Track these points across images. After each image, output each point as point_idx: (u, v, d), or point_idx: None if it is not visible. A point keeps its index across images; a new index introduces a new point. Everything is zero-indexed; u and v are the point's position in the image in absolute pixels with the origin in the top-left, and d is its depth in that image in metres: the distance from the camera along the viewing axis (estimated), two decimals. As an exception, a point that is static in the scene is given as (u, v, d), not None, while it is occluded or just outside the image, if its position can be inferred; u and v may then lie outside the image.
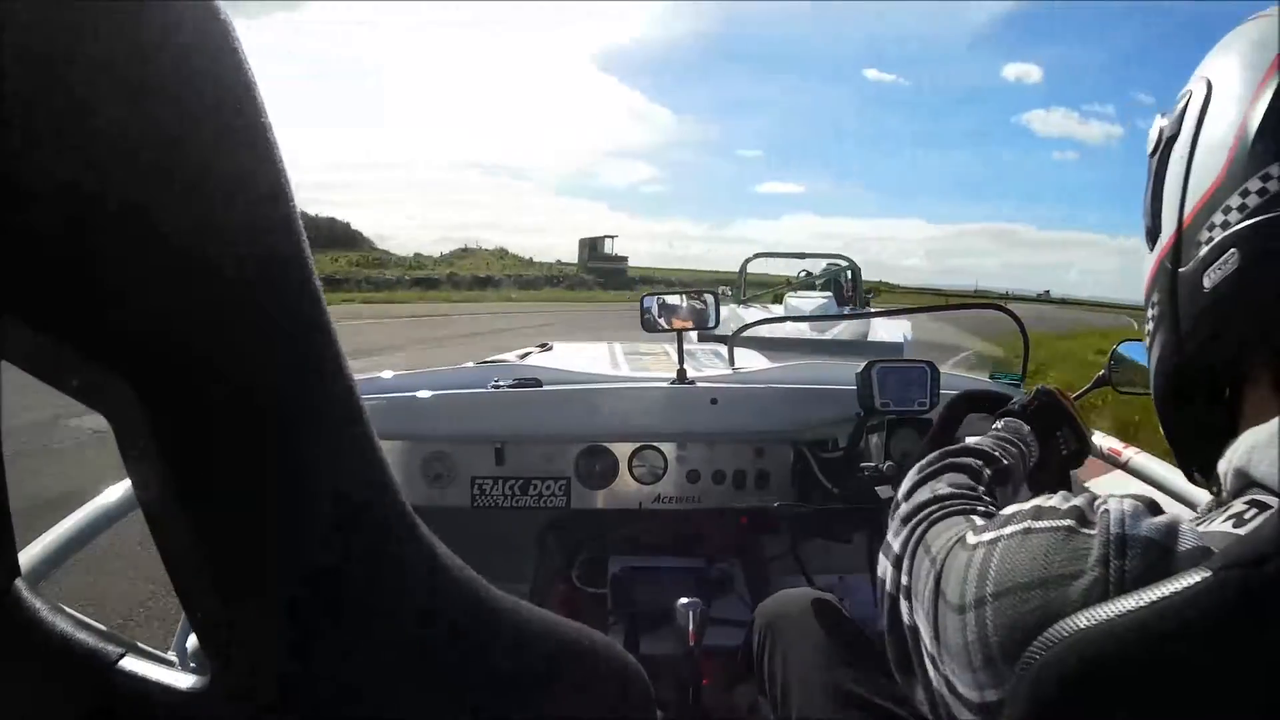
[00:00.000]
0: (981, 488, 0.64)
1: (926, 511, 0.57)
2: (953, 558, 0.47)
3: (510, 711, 0.32)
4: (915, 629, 0.50)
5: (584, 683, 0.35)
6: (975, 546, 0.46)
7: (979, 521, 0.50)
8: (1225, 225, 0.45)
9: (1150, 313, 0.53)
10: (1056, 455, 0.87)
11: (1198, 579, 0.32)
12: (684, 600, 1.13)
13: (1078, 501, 0.44)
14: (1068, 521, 0.42)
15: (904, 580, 0.54)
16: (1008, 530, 0.44)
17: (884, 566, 0.58)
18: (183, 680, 0.28)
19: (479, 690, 0.31)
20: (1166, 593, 0.33)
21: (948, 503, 0.58)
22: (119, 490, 0.92)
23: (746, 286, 7.42)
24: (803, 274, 7.90)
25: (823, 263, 7.92)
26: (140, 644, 0.29)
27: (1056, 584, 0.39)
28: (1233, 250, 0.45)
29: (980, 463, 0.68)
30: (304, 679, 0.28)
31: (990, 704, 0.41)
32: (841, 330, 5.58)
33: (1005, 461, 0.71)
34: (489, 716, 0.32)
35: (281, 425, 0.25)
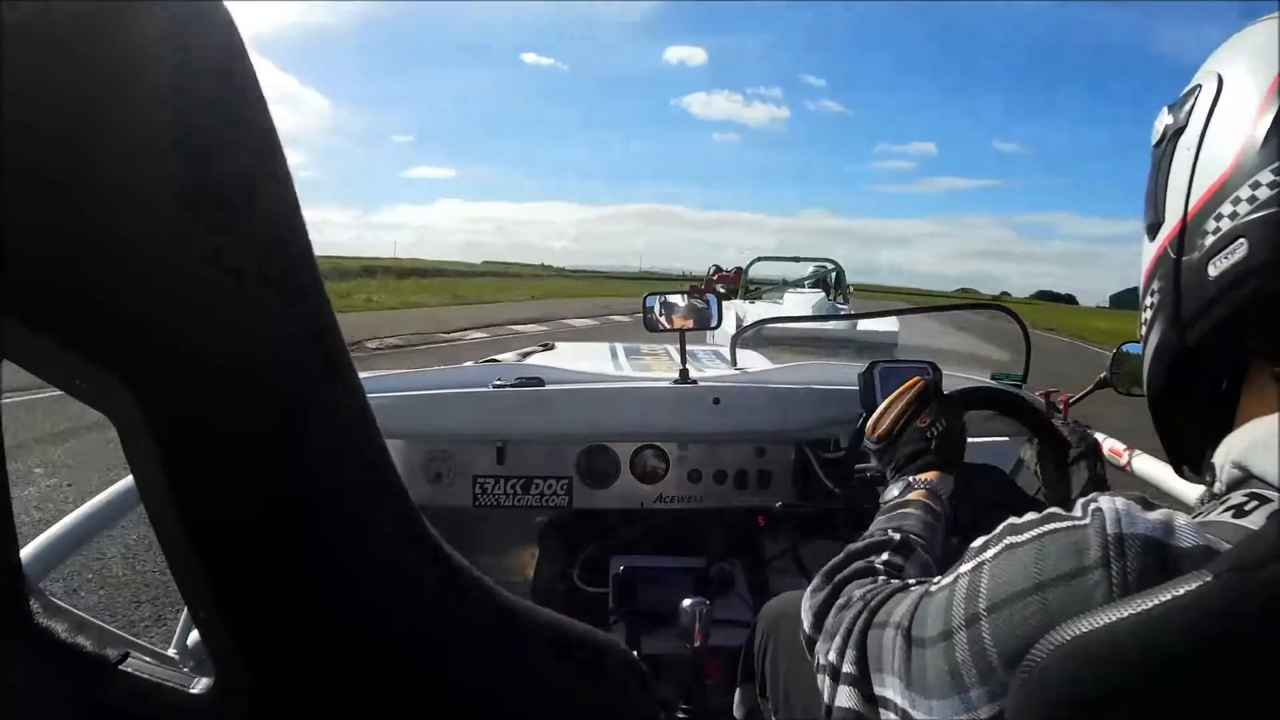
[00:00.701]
0: (883, 574, 0.63)
1: (853, 610, 0.56)
2: (923, 607, 0.47)
3: (513, 709, 0.32)
4: (882, 705, 0.49)
5: (586, 681, 0.35)
6: (951, 581, 0.45)
7: (930, 583, 0.50)
8: (1234, 215, 0.45)
9: (1149, 301, 0.53)
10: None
11: (1199, 582, 0.32)
12: (689, 601, 1.13)
13: (1053, 509, 0.44)
14: (1049, 525, 0.42)
15: (849, 669, 0.53)
16: (988, 554, 0.44)
17: (823, 685, 0.56)
18: (184, 678, 0.28)
19: (482, 688, 0.31)
20: (1169, 596, 0.33)
21: (869, 597, 0.56)
22: (120, 488, 0.92)
23: (747, 285, 8.61)
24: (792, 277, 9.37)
25: (808, 266, 9.31)
26: (142, 642, 0.29)
27: (1055, 585, 0.38)
28: (1241, 240, 0.45)
29: (868, 559, 0.65)
30: (306, 677, 0.28)
31: None
32: (836, 325, 6.29)
33: (897, 536, 0.68)
34: (492, 714, 0.32)
35: (283, 424, 0.25)
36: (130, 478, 0.26)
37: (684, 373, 1.41)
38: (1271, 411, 0.44)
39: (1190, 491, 0.99)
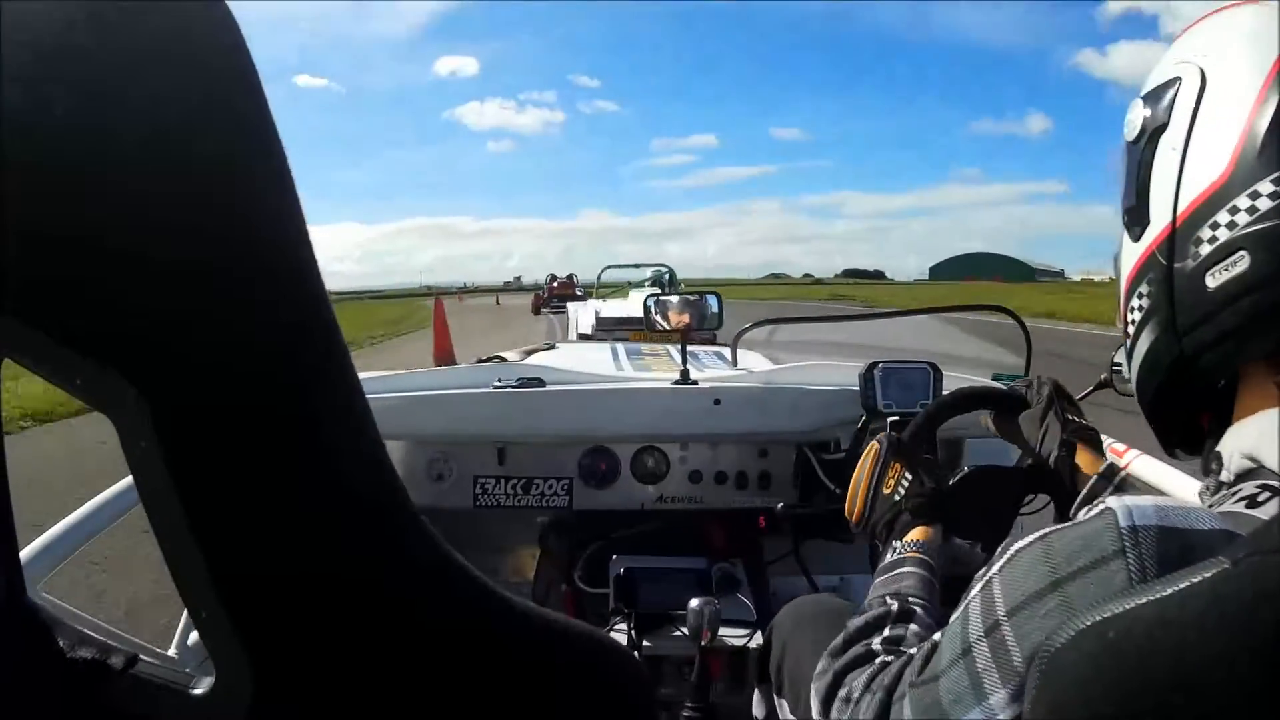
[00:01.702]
0: (884, 654, 0.61)
1: (869, 705, 0.54)
2: (933, 649, 0.46)
3: (515, 710, 0.32)
4: None
5: (588, 681, 0.35)
6: (962, 611, 0.44)
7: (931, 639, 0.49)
8: (1232, 226, 0.44)
9: (1136, 302, 0.52)
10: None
11: (1219, 569, 0.32)
12: (697, 600, 1.13)
13: (1045, 529, 0.43)
14: (1053, 528, 0.41)
15: None
16: (994, 568, 0.43)
17: None
18: (184, 678, 0.28)
19: (484, 688, 0.31)
20: (1188, 583, 0.32)
21: (877, 687, 0.55)
22: (121, 488, 0.92)
23: (600, 288, 11.92)
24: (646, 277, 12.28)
25: (648, 271, 12.34)
26: (142, 641, 0.29)
27: (1073, 579, 0.38)
28: (1242, 252, 0.44)
29: (863, 644, 0.64)
30: (307, 677, 0.28)
31: None
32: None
33: (894, 605, 0.66)
34: (494, 715, 0.32)
35: (284, 424, 0.25)
36: (130, 478, 0.26)
37: (685, 373, 1.41)
38: (1272, 406, 0.44)
39: (1191, 492, 0.99)
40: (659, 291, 10.49)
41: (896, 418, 1.20)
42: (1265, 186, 0.43)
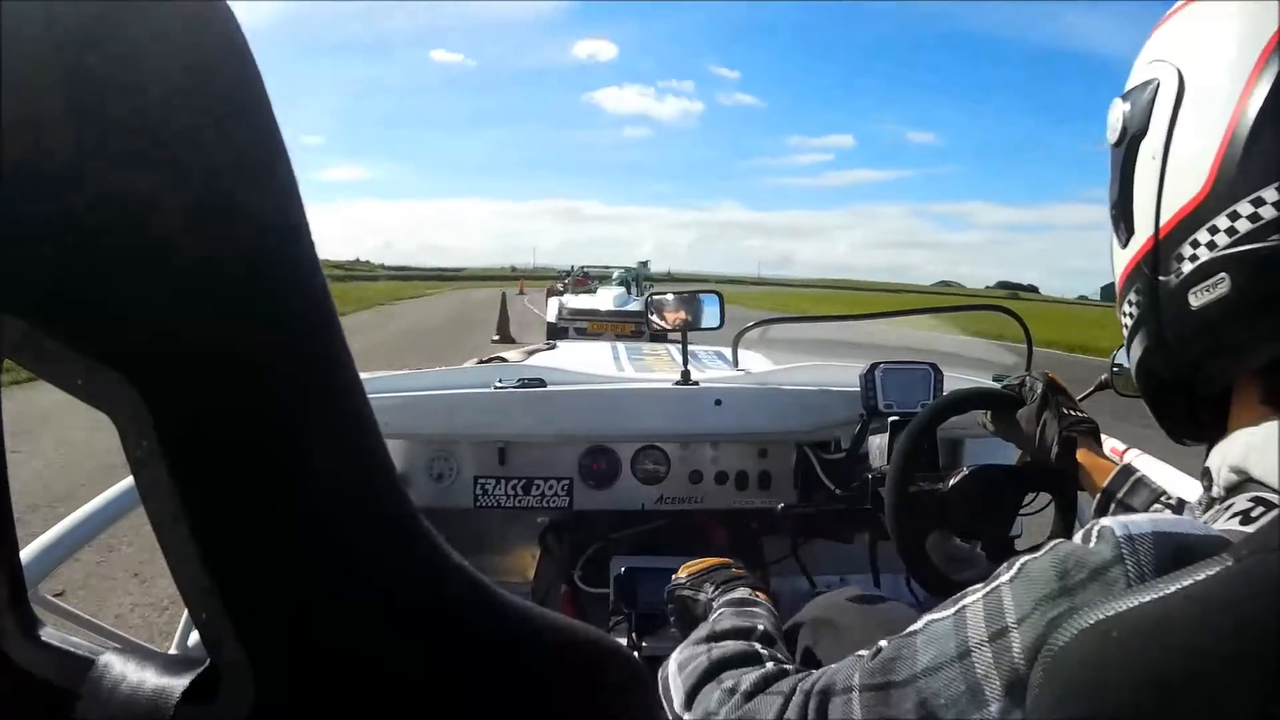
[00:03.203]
0: (772, 662, 0.59)
1: (773, 692, 0.52)
2: (901, 648, 0.44)
3: (514, 711, 0.32)
4: None
5: (588, 682, 0.35)
6: (958, 610, 0.42)
7: (871, 647, 0.48)
8: (1212, 245, 0.43)
9: (1127, 309, 0.52)
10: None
11: (1222, 566, 0.32)
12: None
13: (1054, 543, 0.42)
14: (1059, 542, 0.41)
15: None
16: (1004, 577, 0.42)
17: None
18: (185, 679, 0.28)
19: (483, 689, 0.31)
20: (1191, 580, 0.32)
21: (781, 680, 0.53)
22: (121, 488, 0.92)
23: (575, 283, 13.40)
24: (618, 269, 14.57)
25: (618, 269, 14.32)
26: (143, 642, 0.29)
27: (1080, 588, 0.37)
28: (1223, 275, 0.43)
29: (756, 644, 0.62)
30: (308, 678, 0.28)
31: None
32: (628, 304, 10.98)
33: (765, 628, 0.65)
34: (494, 715, 0.32)
35: (285, 423, 0.25)
36: (130, 478, 0.26)
37: (685, 374, 1.41)
38: (1259, 419, 0.44)
39: (1191, 493, 0.99)
40: (624, 289, 12.22)
41: (897, 418, 1.20)
42: (1244, 207, 0.42)
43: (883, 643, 0.47)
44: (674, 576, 0.92)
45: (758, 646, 0.61)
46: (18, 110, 0.21)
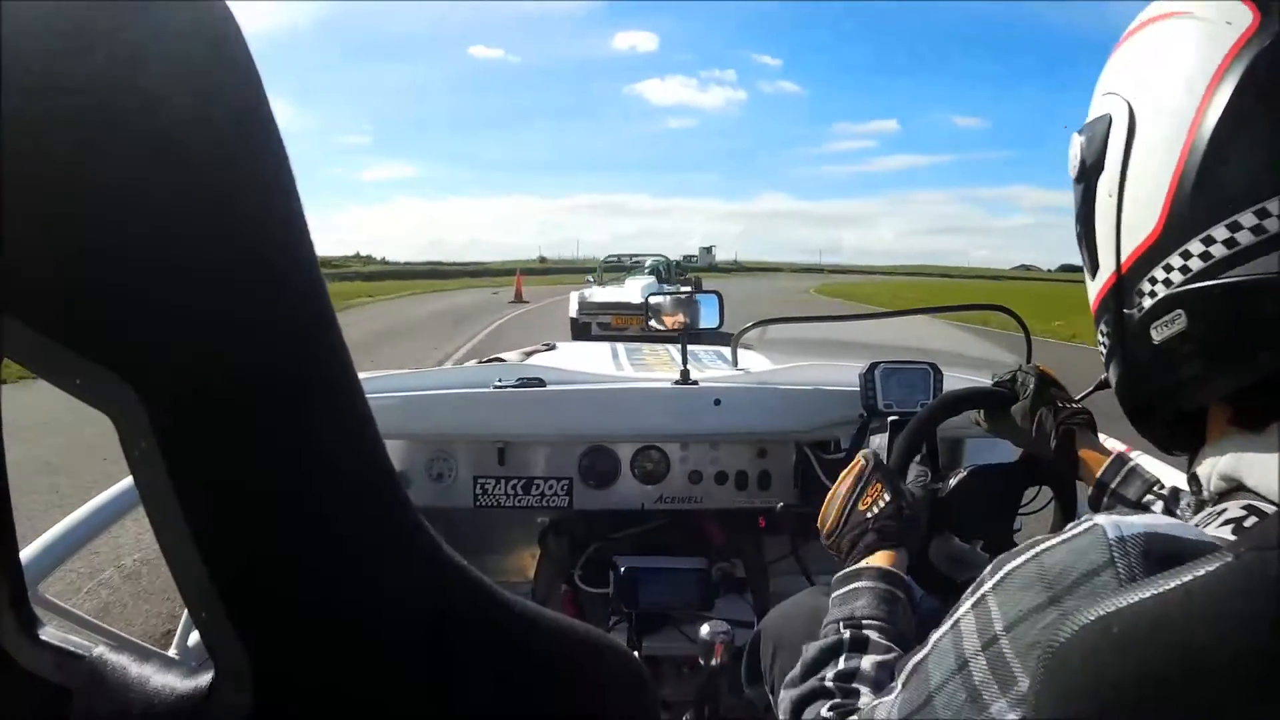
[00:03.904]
0: (840, 694, 0.59)
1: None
2: (917, 670, 0.45)
3: (514, 710, 0.32)
4: None
5: (588, 682, 0.35)
6: (952, 626, 0.43)
7: (897, 675, 0.48)
8: (1168, 283, 0.44)
9: (1100, 337, 0.53)
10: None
11: (1220, 563, 0.32)
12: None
13: (1038, 538, 0.42)
14: (1042, 545, 0.40)
15: None
16: (986, 586, 0.42)
17: None
18: (185, 679, 0.28)
19: (483, 689, 0.31)
20: (1189, 577, 0.32)
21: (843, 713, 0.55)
22: (121, 488, 0.92)
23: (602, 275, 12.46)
24: (647, 259, 13.63)
25: (650, 259, 13.45)
26: (143, 643, 0.29)
27: (1070, 594, 0.37)
28: (1179, 311, 0.44)
29: (834, 669, 0.61)
30: (308, 678, 0.28)
31: None
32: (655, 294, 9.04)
33: (845, 634, 0.64)
34: (493, 715, 0.32)
35: (284, 424, 0.25)
36: (130, 478, 0.26)
37: (685, 373, 1.41)
38: (1230, 439, 0.45)
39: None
40: (654, 279, 11.16)
41: (896, 417, 1.20)
42: (1195, 246, 0.43)
43: (911, 662, 0.47)
44: (821, 515, 0.83)
45: (828, 677, 0.61)
46: (17, 111, 0.21)
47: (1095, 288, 0.51)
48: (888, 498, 0.78)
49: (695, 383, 1.40)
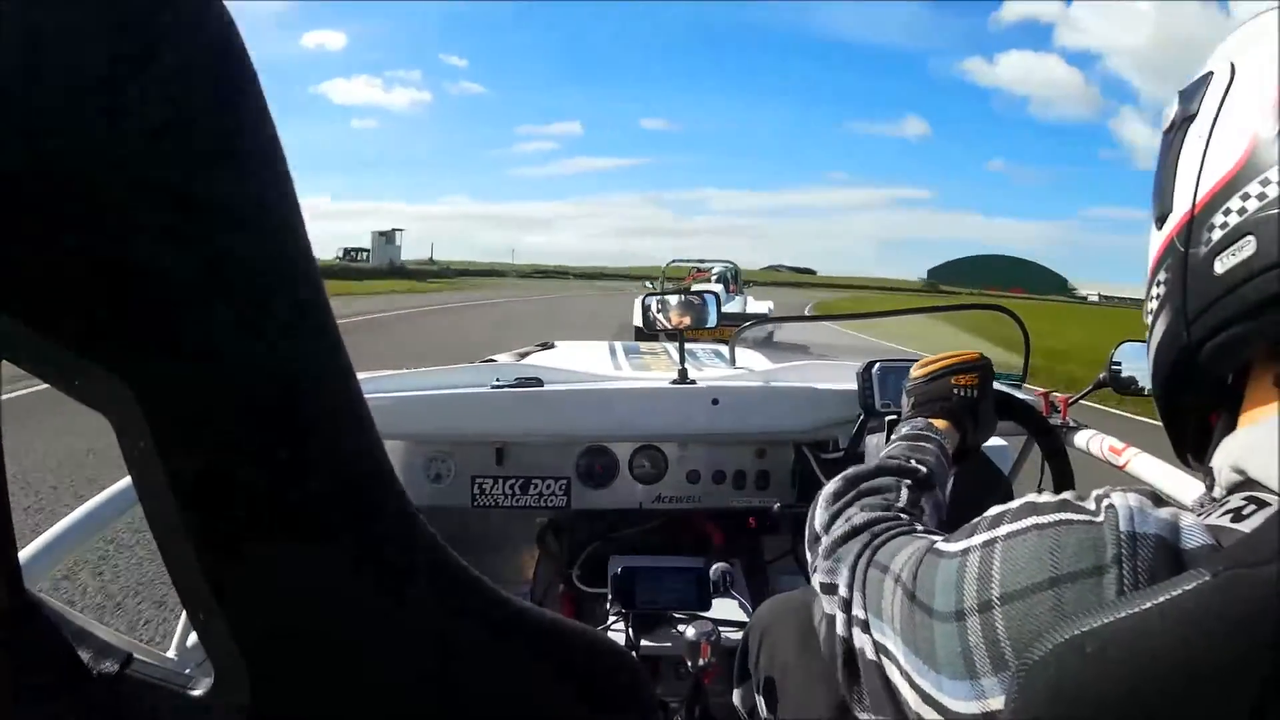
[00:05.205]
0: (901, 505, 0.63)
1: (861, 540, 0.56)
2: (927, 567, 0.46)
3: (511, 711, 0.32)
4: (882, 652, 0.49)
5: (586, 682, 0.35)
6: (962, 553, 0.44)
7: (936, 537, 0.50)
8: (1242, 211, 0.45)
9: (1154, 291, 0.53)
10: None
11: (1197, 582, 0.32)
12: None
13: (1068, 495, 0.43)
14: (1066, 515, 0.41)
15: (859, 613, 0.52)
16: (1002, 531, 0.43)
17: (828, 608, 0.56)
18: (184, 680, 0.28)
19: (480, 690, 0.31)
20: (1165, 596, 0.33)
21: (876, 527, 0.57)
22: (120, 488, 0.92)
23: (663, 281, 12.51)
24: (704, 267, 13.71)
25: (718, 266, 13.24)
26: (142, 643, 0.29)
27: (1072, 582, 0.38)
28: (1249, 237, 0.44)
29: (894, 479, 0.66)
30: (305, 679, 0.28)
31: (992, 713, 0.39)
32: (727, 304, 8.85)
33: (921, 469, 0.69)
34: (491, 715, 0.32)
35: (282, 424, 0.25)
36: (129, 478, 0.26)
37: (683, 373, 1.41)
38: (1270, 414, 0.44)
39: (1188, 493, 0.99)
40: (722, 287, 11.30)
41: (894, 416, 1.20)
42: (1275, 174, 0.44)
43: (941, 541, 0.48)
44: (912, 372, 0.91)
45: (901, 488, 0.65)
46: (14, 110, 0.21)
47: (1161, 237, 0.52)
48: (977, 394, 0.86)
49: (693, 382, 1.40)
